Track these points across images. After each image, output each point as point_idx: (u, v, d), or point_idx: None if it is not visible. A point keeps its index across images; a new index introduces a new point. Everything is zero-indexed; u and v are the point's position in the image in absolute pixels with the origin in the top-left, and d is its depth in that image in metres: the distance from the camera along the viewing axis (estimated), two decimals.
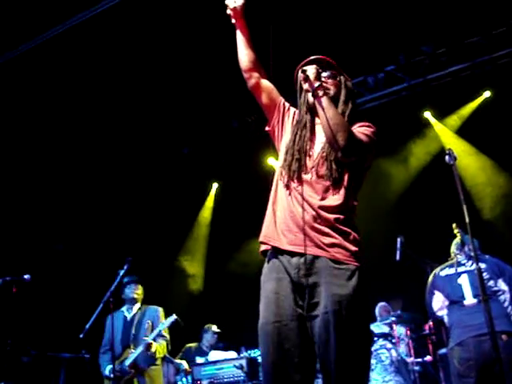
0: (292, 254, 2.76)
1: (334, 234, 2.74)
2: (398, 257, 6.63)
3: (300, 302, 2.70)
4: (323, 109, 2.82)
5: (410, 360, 6.65)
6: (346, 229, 2.78)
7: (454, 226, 5.17)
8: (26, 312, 6.61)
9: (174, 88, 8.74)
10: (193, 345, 8.66)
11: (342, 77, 3.08)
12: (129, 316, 6.57)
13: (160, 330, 6.29)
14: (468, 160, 8.85)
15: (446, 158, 3.85)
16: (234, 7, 3.20)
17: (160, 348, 6.26)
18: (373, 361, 6.62)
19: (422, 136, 9.47)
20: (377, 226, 8.50)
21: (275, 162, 3.12)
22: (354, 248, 2.75)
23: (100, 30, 7.36)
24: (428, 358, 6.79)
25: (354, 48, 8.24)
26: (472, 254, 4.29)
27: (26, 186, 9.42)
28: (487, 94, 8.98)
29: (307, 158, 2.91)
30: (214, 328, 8.75)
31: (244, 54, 3.23)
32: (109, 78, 8.32)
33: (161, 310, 6.62)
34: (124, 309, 6.65)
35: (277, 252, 2.83)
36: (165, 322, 6.31)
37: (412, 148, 9.41)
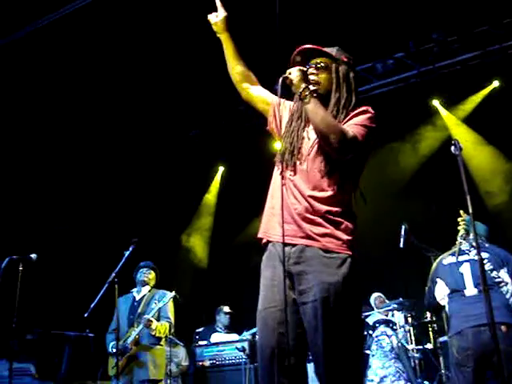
0: (285, 243, 2.79)
1: (325, 224, 2.76)
2: (401, 244, 6.66)
3: (293, 288, 2.77)
4: (311, 113, 2.82)
5: (410, 347, 6.71)
6: (338, 218, 2.79)
7: (461, 212, 5.15)
8: (32, 291, 6.67)
9: (182, 70, 8.74)
10: (205, 327, 8.73)
11: (334, 64, 3.01)
12: (138, 297, 6.65)
13: (160, 308, 6.34)
14: (475, 149, 8.85)
15: (452, 148, 3.84)
16: (216, 22, 3.24)
17: (161, 328, 6.27)
18: (373, 347, 6.68)
19: (430, 123, 9.45)
20: (382, 213, 8.53)
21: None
22: (345, 237, 2.77)
23: (104, 18, 7.39)
24: (428, 345, 6.84)
25: (364, 34, 8.21)
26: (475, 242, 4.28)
27: (31, 167, 9.46)
28: (496, 83, 8.96)
29: (302, 148, 2.91)
30: (226, 309, 8.82)
31: (232, 68, 3.28)
32: (116, 60, 8.34)
33: (169, 294, 6.65)
34: (134, 290, 6.75)
35: (273, 242, 2.89)
36: (165, 299, 6.37)
37: (420, 135, 9.40)
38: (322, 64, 3.01)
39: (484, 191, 8.52)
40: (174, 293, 6.45)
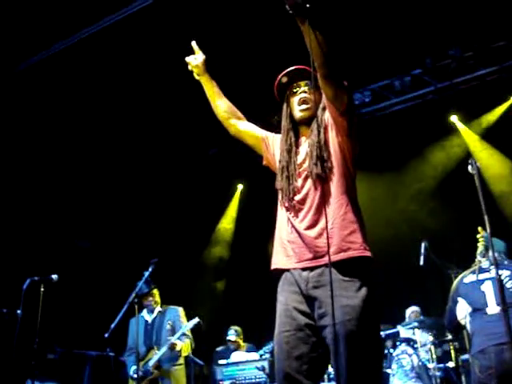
0: (302, 268, 2.83)
1: (339, 242, 2.77)
2: (421, 261, 6.62)
3: (310, 313, 2.78)
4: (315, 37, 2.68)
5: (431, 366, 6.63)
6: (350, 229, 2.81)
7: (479, 229, 5.12)
8: (53, 310, 6.72)
9: (201, 89, 8.78)
10: (223, 347, 8.71)
11: None
12: (150, 319, 6.68)
13: (174, 325, 6.39)
14: (494, 165, 8.79)
15: (469, 167, 3.84)
16: (197, 64, 3.32)
17: (185, 346, 6.37)
18: (394, 366, 6.62)
19: (449, 139, 9.42)
20: (401, 231, 8.50)
21: None
22: (360, 238, 2.80)
23: (126, 36, 7.50)
24: (450, 363, 6.76)
25: (381, 51, 8.24)
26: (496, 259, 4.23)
27: (52, 185, 9.55)
28: None
29: (297, 175, 2.95)
30: (230, 334, 8.70)
31: (216, 107, 3.34)
32: (135, 77, 8.42)
33: (181, 309, 6.73)
34: (145, 312, 6.75)
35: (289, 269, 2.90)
36: (188, 324, 6.39)
37: (438, 152, 9.37)
38: (312, 84, 3.03)
39: (503, 206, 8.44)
40: (197, 319, 6.45)
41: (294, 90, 3.09)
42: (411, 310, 8.15)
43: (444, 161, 9.27)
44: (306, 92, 3.05)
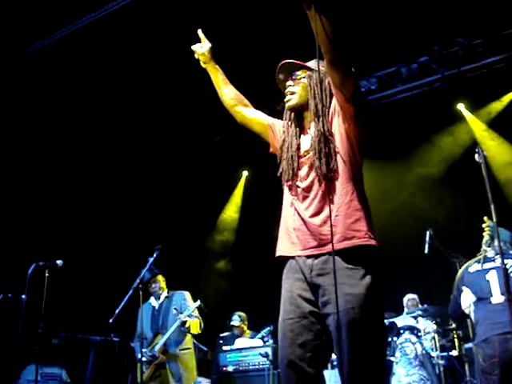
0: (307, 256, 2.84)
1: (344, 230, 2.76)
2: (426, 250, 6.62)
3: (314, 300, 2.79)
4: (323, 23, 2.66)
5: (435, 354, 6.64)
6: (355, 217, 2.80)
7: (485, 218, 5.10)
8: (58, 295, 6.75)
9: (206, 75, 8.75)
10: (227, 333, 8.73)
11: (309, 72, 3.04)
12: (157, 305, 6.74)
13: (190, 314, 6.40)
14: (500, 153, 8.74)
15: (476, 156, 3.83)
16: (203, 52, 3.34)
17: (194, 324, 6.36)
18: (397, 354, 6.63)
19: (455, 127, 9.37)
20: (406, 218, 8.47)
21: None
22: (365, 227, 2.79)
23: (129, 24, 7.47)
24: (454, 352, 6.77)
25: (388, 38, 8.18)
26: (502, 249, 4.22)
27: (58, 172, 9.56)
28: None
29: (302, 163, 2.96)
30: (234, 320, 8.73)
31: (222, 94, 3.36)
32: (141, 63, 8.40)
33: (187, 293, 6.75)
34: (152, 299, 6.81)
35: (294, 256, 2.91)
36: (190, 307, 6.41)
37: (445, 139, 9.32)
38: (299, 75, 3.06)
39: (509, 195, 8.40)
40: (198, 302, 6.47)
41: (287, 83, 3.11)
42: (408, 298, 8.16)
43: (451, 148, 9.21)
44: (291, 85, 3.06)
